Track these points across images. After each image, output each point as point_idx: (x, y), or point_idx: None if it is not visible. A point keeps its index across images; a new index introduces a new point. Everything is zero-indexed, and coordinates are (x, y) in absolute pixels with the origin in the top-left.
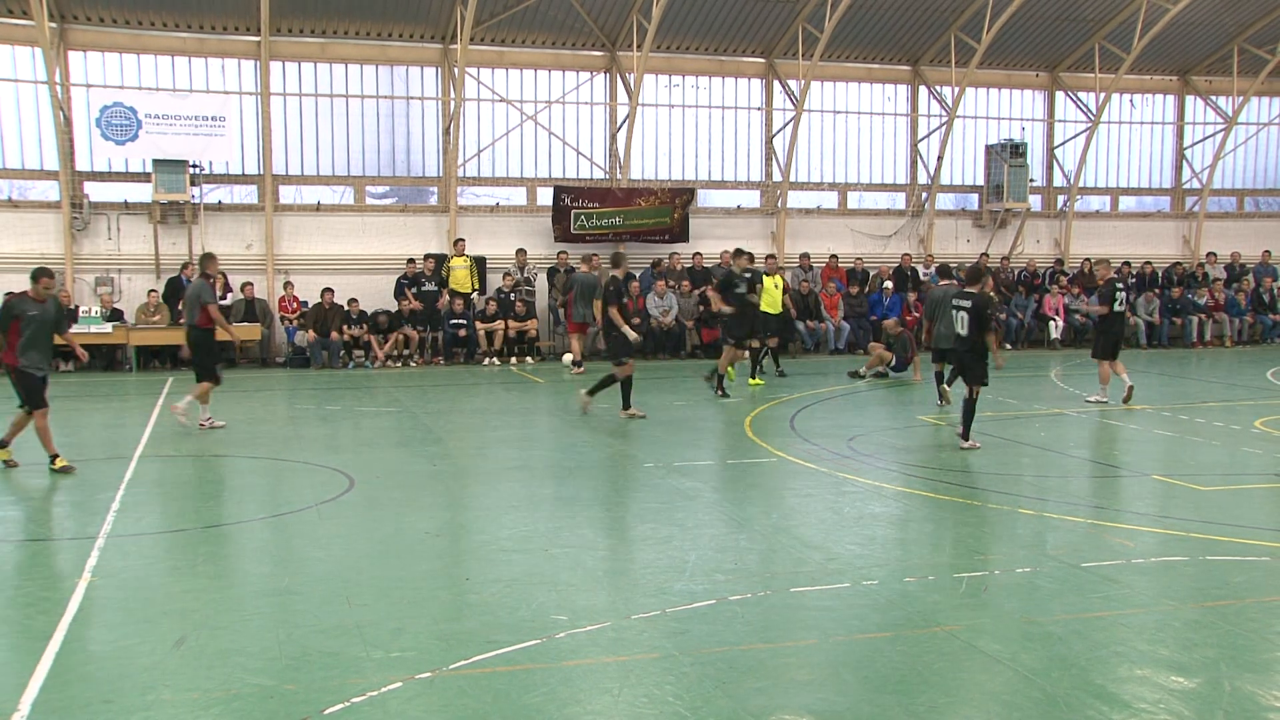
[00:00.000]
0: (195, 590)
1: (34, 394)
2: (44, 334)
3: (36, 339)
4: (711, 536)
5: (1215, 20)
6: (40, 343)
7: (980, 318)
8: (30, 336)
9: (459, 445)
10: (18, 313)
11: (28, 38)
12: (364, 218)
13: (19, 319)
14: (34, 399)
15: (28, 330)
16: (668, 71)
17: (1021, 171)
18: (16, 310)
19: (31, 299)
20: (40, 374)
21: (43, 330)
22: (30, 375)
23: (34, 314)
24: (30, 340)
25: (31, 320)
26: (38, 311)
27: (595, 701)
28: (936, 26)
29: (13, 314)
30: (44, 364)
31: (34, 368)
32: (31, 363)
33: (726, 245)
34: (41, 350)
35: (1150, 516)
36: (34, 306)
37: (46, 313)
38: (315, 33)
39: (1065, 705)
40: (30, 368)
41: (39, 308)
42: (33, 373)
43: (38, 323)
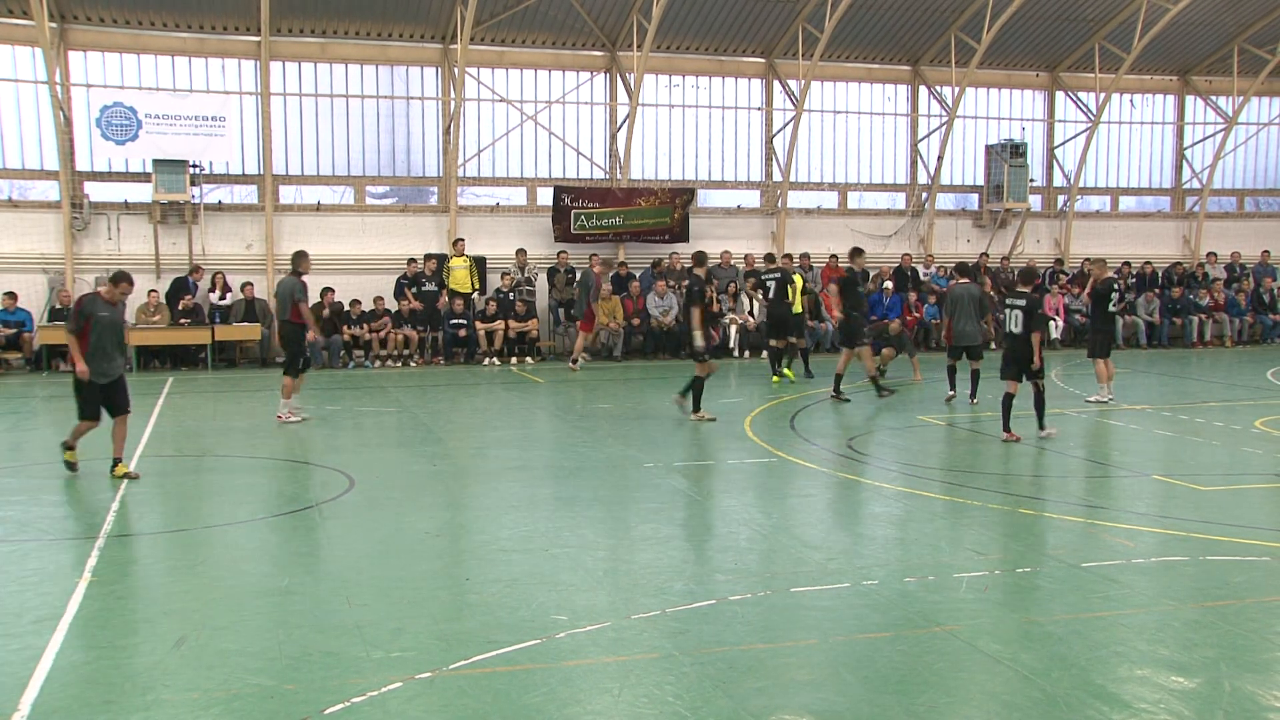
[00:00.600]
0: (195, 590)
1: (89, 402)
2: (110, 339)
3: (101, 343)
4: (712, 536)
5: (1215, 20)
6: (104, 347)
7: (1032, 317)
8: (96, 340)
9: (459, 445)
10: (89, 313)
11: (28, 38)
12: (364, 218)
13: (90, 320)
14: (87, 407)
15: (94, 333)
16: (668, 71)
17: (1021, 171)
18: (88, 310)
19: (104, 300)
20: (101, 381)
21: (109, 335)
22: (91, 383)
23: (104, 315)
24: (95, 344)
25: (100, 322)
26: (108, 314)
27: (595, 701)
28: (936, 26)
29: (85, 314)
30: (109, 371)
31: (96, 373)
32: (97, 368)
33: (727, 245)
34: (105, 355)
35: (1150, 516)
36: (105, 308)
37: (115, 316)
38: (315, 33)
39: (1065, 705)
40: (95, 373)
41: (109, 310)
42: (94, 379)
43: (105, 326)
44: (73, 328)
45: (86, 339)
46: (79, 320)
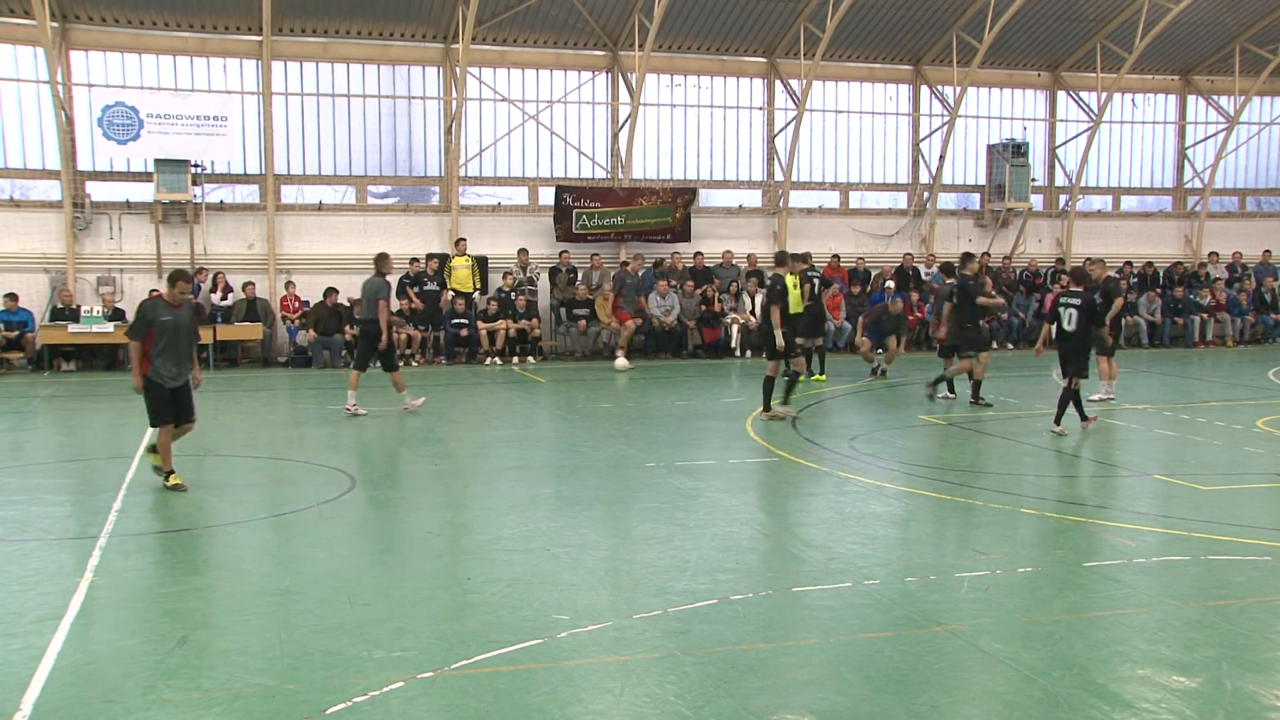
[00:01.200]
0: (197, 590)
1: (159, 407)
2: (178, 342)
3: (169, 347)
4: (713, 536)
5: (1217, 20)
6: (173, 351)
7: (1090, 315)
8: (164, 344)
9: (460, 445)
10: (151, 317)
11: (29, 37)
12: (366, 217)
13: (153, 324)
14: (158, 413)
15: (162, 338)
16: (669, 71)
17: (1023, 171)
18: (150, 314)
19: (166, 303)
20: (171, 384)
21: (177, 338)
22: (158, 386)
23: (167, 319)
24: (163, 348)
25: (165, 326)
26: (171, 317)
27: (597, 701)
28: (938, 26)
29: (147, 319)
30: (177, 374)
31: (161, 377)
32: (159, 372)
33: (728, 245)
34: (174, 359)
35: (1152, 516)
36: (167, 311)
37: (181, 319)
38: (317, 32)
39: (1067, 705)
40: (158, 378)
41: (173, 313)
42: (160, 383)
43: (171, 329)
44: (133, 334)
45: (150, 346)
46: (141, 327)
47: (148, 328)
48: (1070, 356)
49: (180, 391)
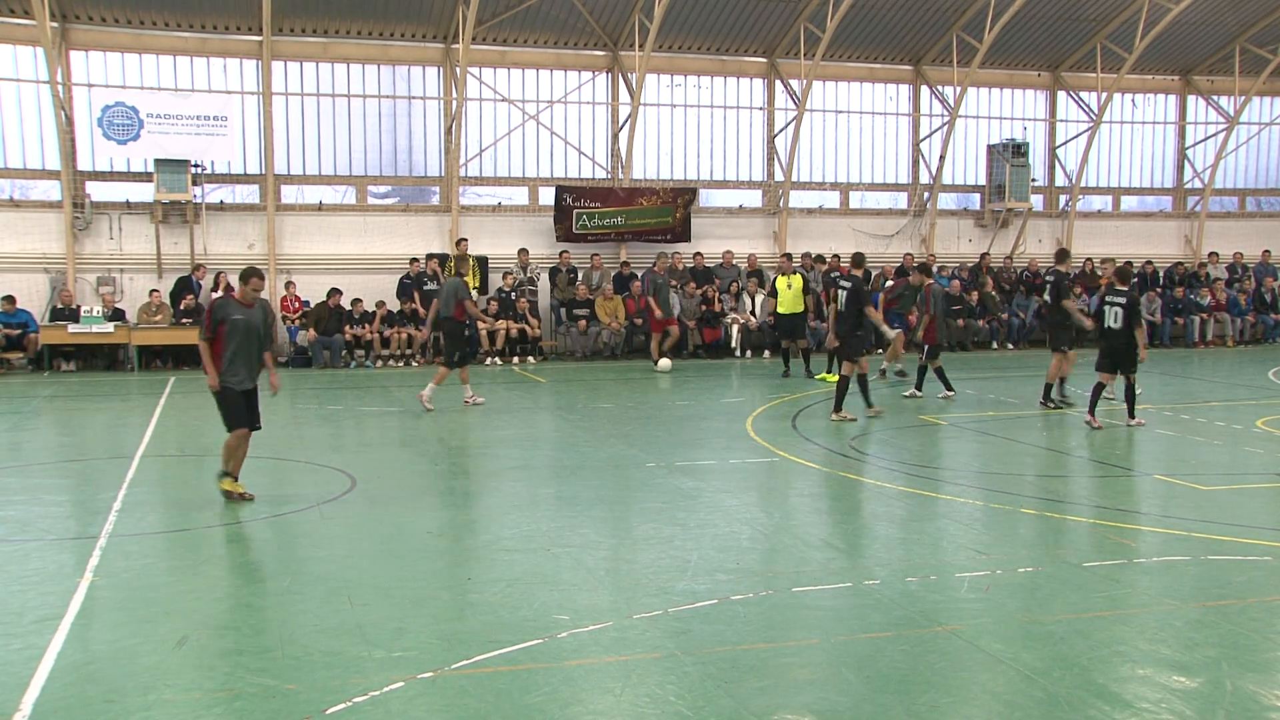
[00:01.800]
0: (197, 590)
1: (233, 412)
2: (249, 343)
3: (240, 349)
4: (713, 536)
5: (1217, 20)
6: (244, 352)
7: (1133, 314)
8: (235, 346)
9: (461, 445)
10: (221, 317)
11: (29, 37)
12: (366, 217)
13: (224, 324)
14: (233, 418)
15: (232, 339)
16: (669, 71)
17: (1023, 171)
18: (220, 314)
19: (237, 302)
20: (242, 388)
21: (248, 339)
22: (229, 389)
23: (239, 319)
24: (234, 350)
25: (236, 326)
26: (243, 316)
27: (597, 701)
28: (938, 26)
29: (216, 318)
30: (249, 378)
31: (233, 380)
32: (231, 374)
33: (729, 245)
34: (245, 361)
35: (1152, 516)
36: (239, 310)
37: (253, 318)
38: (317, 32)
39: (1067, 705)
40: (229, 381)
41: (245, 312)
42: (233, 387)
43: (243, 330)
44: (204, 335)
45: (220, 346)
46: (211, 327)
47: (218, 328)
48: (1117, 353)
49: (252, 395)
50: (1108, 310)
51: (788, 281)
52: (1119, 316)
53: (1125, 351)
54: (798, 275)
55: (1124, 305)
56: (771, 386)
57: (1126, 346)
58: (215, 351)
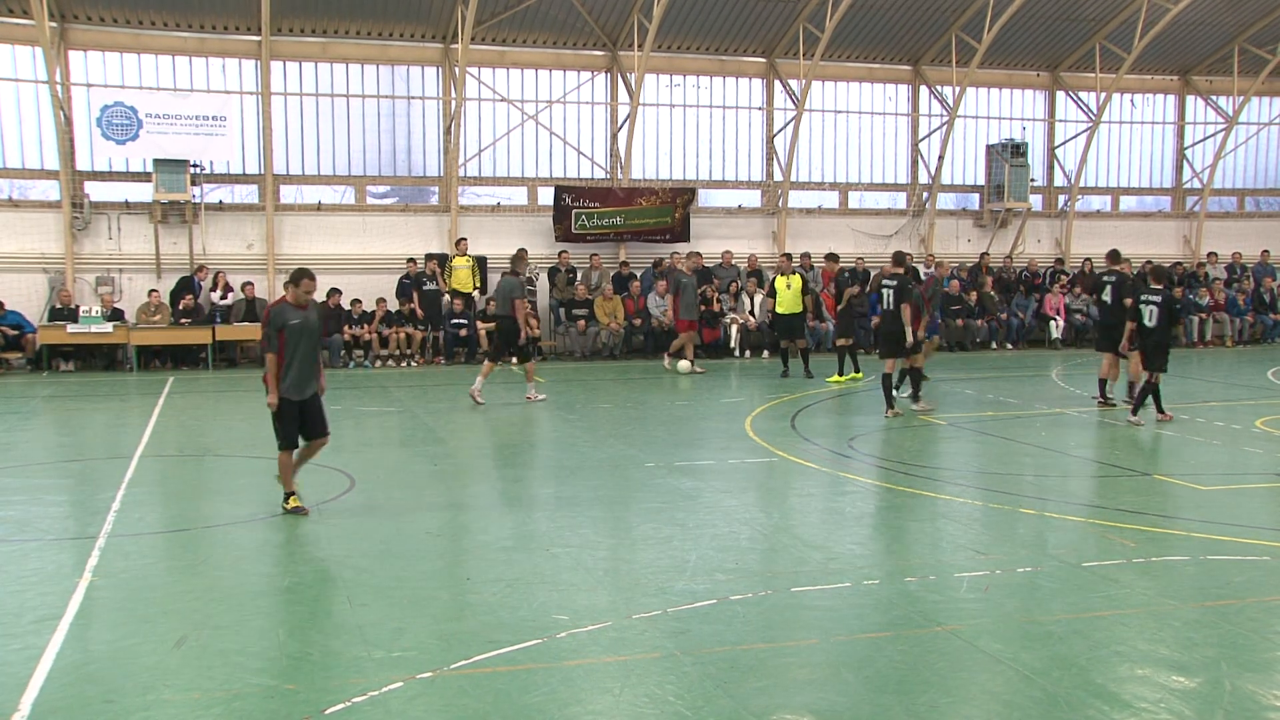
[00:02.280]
0: (196, 590)
1: (289, 427)
2: (309, 348)
3: (300, 355)
4: (712, 536)
5: (1216, 20)
6: (304, 359)
7: (1170, 312)
8: (295, 352)
9: (460, 445)
10: (280, 324)
11: (28, 37)
12: (365, 217)
13: (283, 331)
14: (288, 434)
15: (293, 345)
16: (669, 71)
17: (1022, 171)
18: (279, 321)
19: (291, 306)
20: (298, 398)
21: (308, 343)
22: (284, 400)
23: (295, 323)
24: (294, 357)
25: (295, 331)
26: (299, 320)
27: (596, 701)
28: (937, 26)
29: (276, 326)
30: (305, 385)
31: (290, 390)
32: (289, 385)
33: (728, 245)
34: (303, 368)
35: (1151, 516)
36: (295, 314)
37: (309, 322)
38: (316, 32)
39: (1066, 705)
40: (288, 391)
41: (300, 315)
42: (288, 396)
43: (298, 334)
44: (268, 347)
45: (281, 354)
46: (272, 337)
47: (279, 335)
48: (1152, 352)
49: (309, 404)
50: (1144, 309)
51: (787, 282)
52: (1154, 315)
53: (1159, 350)
54: (796, 275)
55: (1159, 304)
56: (770, 386)
57: (1163, 345)
58: (280, 362)
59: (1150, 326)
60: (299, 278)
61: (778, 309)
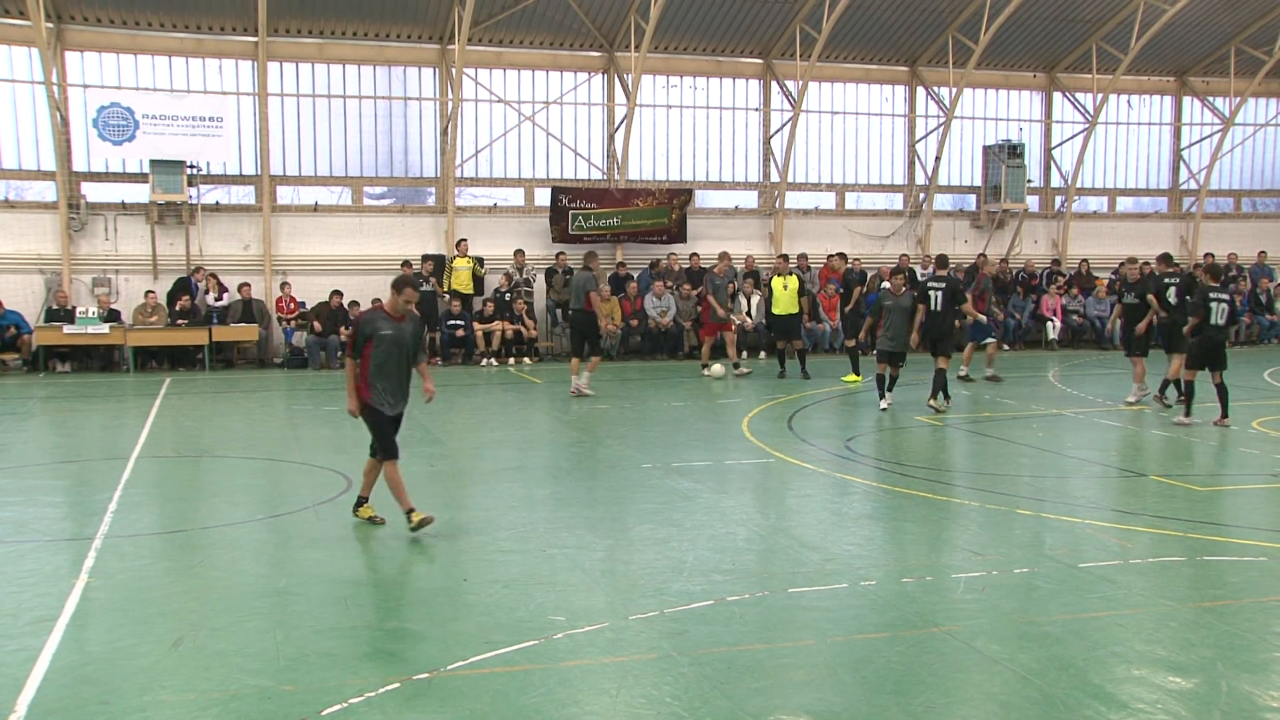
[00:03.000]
0: (193, 591)
1: (383, 437)
2: (399, 361)
3: (387, 367)
4: (709, 537)
5: (1212, 21)
6: (393, 371)
7: (1236, 310)
8: (380, 361)
9: (457, 446)
10: (369, 332)
11: (24, 38)
12: (362, 218)
13: (371, 340)
14: (383, 444)
15: (378, 353)
16: (666, 72)
17: (1019, 172)
18: (368, 329)
19: (386, 315)
20: (392, 411)
21: (398, 356)
22: (378, 412)
23: (387, 333)
24: (379, 366)
25: (385, 342)
26: (392, 331)
27: (593, 702)
28: (934, 27)
29: (365, 334)
30: (398, 398)
31: (382, 402)
32: (380, 396)
33: (725, 246)
34: (394, 382)
35: (1147, 517)
36: (388, 324)
37: (402, 333)
38: (313, 33)
39: (1063, 705)
40: (378, 402)
41: (394, 326)
42: (381, 409)
43: (390, 345)
44: (351, 354)
45: (367, 364)
46: (358, 345)
47: (365, 344)
48: (1215, 351)
49: (397, 421)
50: (1215, 307)
51: (783, 283)
52: (1224, 313)
53: (1223, 349)
54: (793, 276)
55: (1228, 301)
56: (767, 387)
57: (1223, 344)
58: (363, 370)
59: (1219, 324)
60: (401, 286)
61: (774, 310)
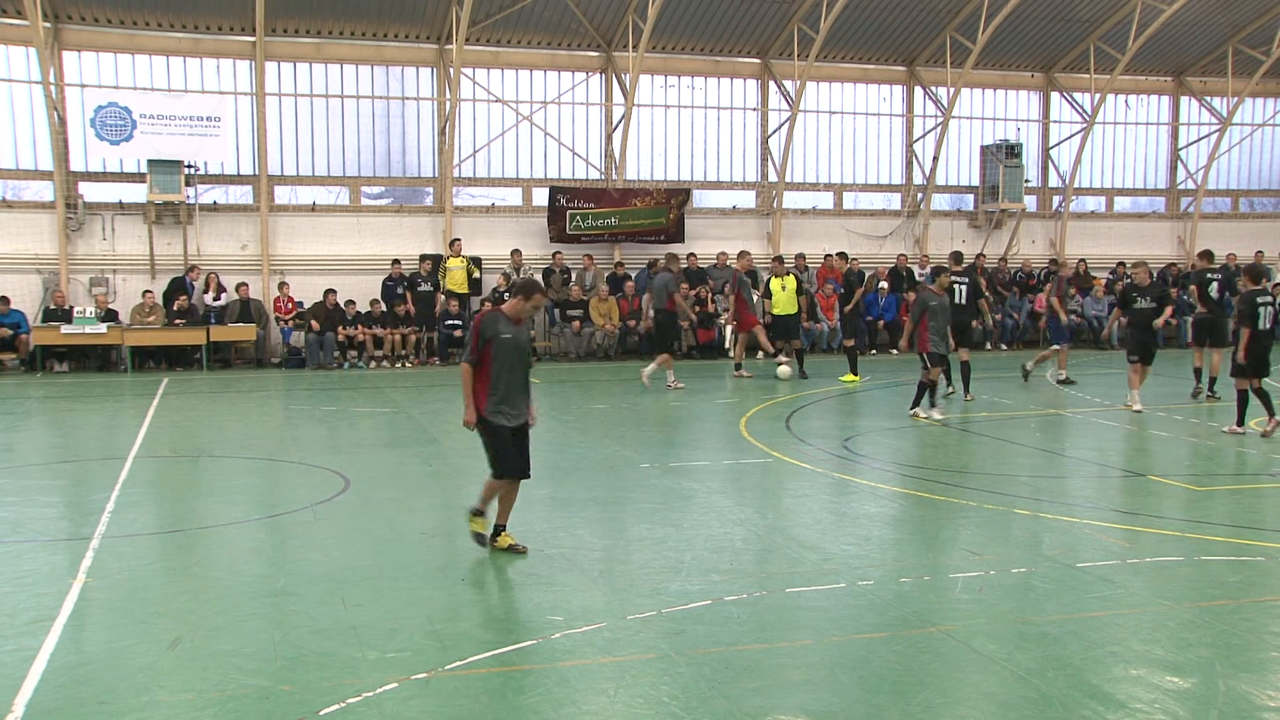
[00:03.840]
0: (190, 591)
1: (503, 454)
2: (518, 368)
3: (509, 374)
4: (707, 537)
5: (1210, 21)
6: (514, 379)
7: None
8: (499, 368)
9: (454, 446)
10: (490, 334)
11: (22, 37)
12: (359, 218)
13: (491, 343)
14: (503, 461)
15: (496, 362)
16: (663, 72)
17: (1017, 172)
18: (489, 331)
19: (506, 318)
20: (513, 424)
21: (519, 362)
22: (498, 427)
23: (507, 337)
24: (498, 374)
25: (506, 347)
26: (511, 335)
27: (591, 702)
28: (932, 27)
29: (485, 336)
30: (520, 409)
31: (501, 413)
32: (497, 406)
33: (722, 246)
34: (515, 390)
35: (1145, 516)
36: (509, 328)
37: (522, 338)
38: (310, 33)
39: (1061, 705)
40: (496, 414)
41: (513, 330)
42: (501, 422)
43: (510, 350)
44: (470, 358)
45: (487, 370)
46: (478, 348)
47: (485, 348)
48: (1263, 356)
49: (520, 432)
50: (1262, 310)
51: (782, 283)
52: (1271, 316)
53: (1266, 354)
54: (791, 276)
55: (1272, 303)
56: (765, 387)
57: (1269, 348)
58: (480, 377)
59: (1267, 329)
60: (531, 290)
61: (774, 310)
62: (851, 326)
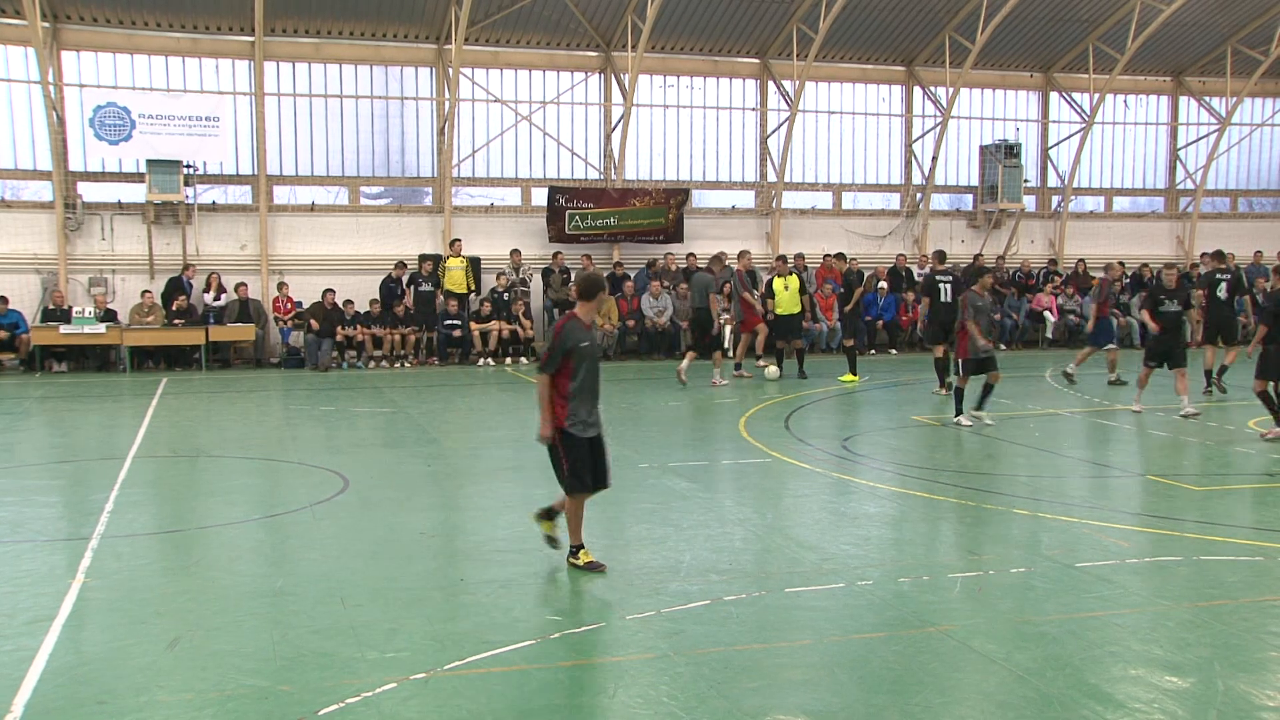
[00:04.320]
0: (189, 591)
1: (578, 468)
2: (595, 375)
3: (587, 383)
4: (706, 537)
5: (1209, 21)
6: (591, 388)
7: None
8: (582, 378)
9: (453, 446)
10: (572, 344)
11: (21, 37)
12: (358, 218)
13: (572, 354)
14: (577, 475)
15: (578, 372)
16: (662, 72)
17: (1016, 172)
18: (570, 340)
19: (581, 324)
20: (588, 434)
21: (592, 370)
22: (574, 438)
23: (585, 345)
24: (580, 384)
25: (585, 355)
26: (588, 343)
27: (590, 702)
28: (931, 27)
29: (566, 346)
30: (594, 420)
31: (579, 425)
32: (576, 420)
33: (722, 246)
34: (591, 399)
35: (1144, 516)
36: (584, 334)
37: (596, 344)
38: (309, 33)
39: (1060, 705)
40: (574, 425)
41: (589, 336)
42: (580, 434)
43: (587, 358)
44: (550, 368)
45: (568, 381)
46: (557, 358)
47: (564, 359)
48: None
49: (598, 443)
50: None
51: (784, 283)
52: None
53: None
54: (793, 276)
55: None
56: (764, 387)
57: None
58: (561, 388)
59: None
60: (594, 291)
61: (777, 310)
62: (851, 326)
